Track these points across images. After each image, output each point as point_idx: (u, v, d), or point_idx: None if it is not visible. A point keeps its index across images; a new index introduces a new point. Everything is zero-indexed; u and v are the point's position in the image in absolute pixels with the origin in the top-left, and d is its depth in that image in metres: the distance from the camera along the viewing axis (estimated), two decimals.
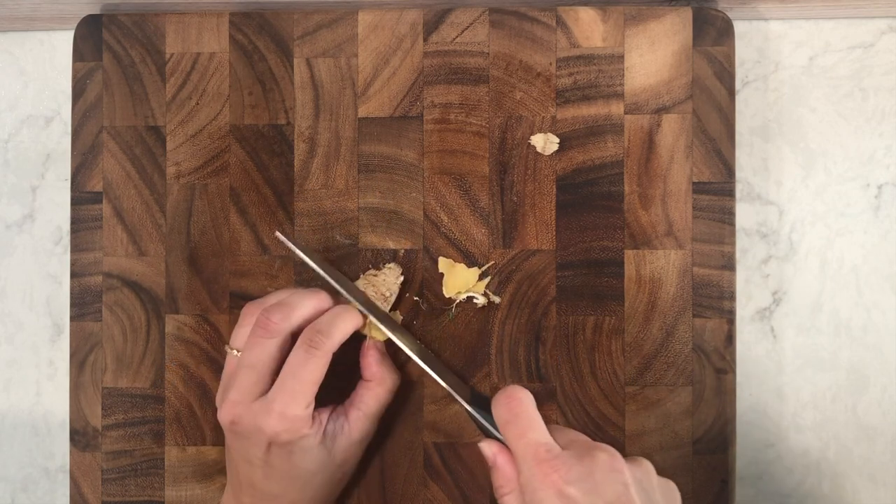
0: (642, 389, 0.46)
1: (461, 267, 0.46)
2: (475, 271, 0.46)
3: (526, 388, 0.45)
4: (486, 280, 0.46)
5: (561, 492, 0.34)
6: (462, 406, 0.40)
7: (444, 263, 0.46)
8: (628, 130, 0.46)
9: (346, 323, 0.41)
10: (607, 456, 0.35)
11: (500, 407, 0.37)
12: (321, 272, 0.43)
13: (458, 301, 0.46)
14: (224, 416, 0.40)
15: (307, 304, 0.41)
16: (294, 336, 0.41)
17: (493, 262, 0.46)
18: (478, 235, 0.46)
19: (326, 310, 0.42)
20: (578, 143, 0.46)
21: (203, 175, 0.47)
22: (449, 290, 0.46)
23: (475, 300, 0.46)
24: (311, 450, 0.41)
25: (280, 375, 0.40)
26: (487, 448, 0.38)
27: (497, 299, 0.46)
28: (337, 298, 0.43)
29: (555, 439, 0.36)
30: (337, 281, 0.43)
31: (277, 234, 0.44)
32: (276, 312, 0.40)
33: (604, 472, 0.34)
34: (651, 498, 0.35)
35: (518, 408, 0.37)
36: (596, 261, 0.46)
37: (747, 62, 0.50)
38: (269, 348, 0.40)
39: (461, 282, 0.46)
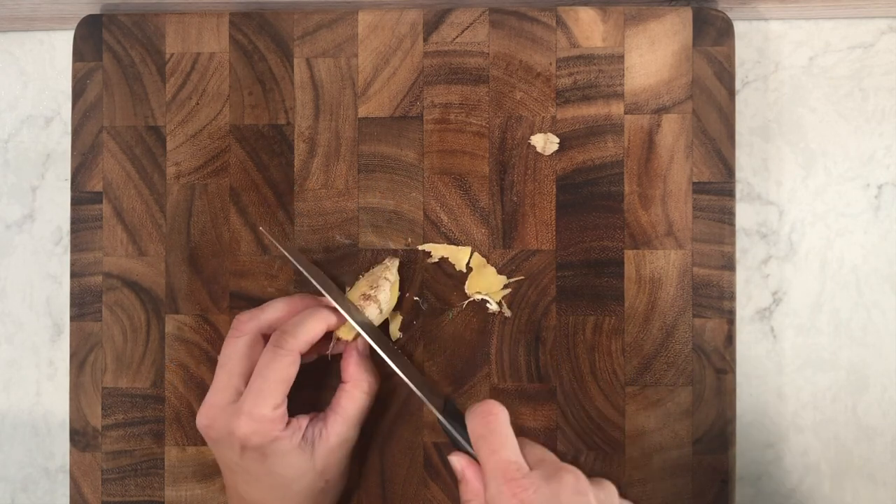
0: (642, 389, 0.46)
1: (491, 270, 0.46)
2: (502, 279, 0.46)
3: (526, 388, 0.46)
4: (507, 291, 0.46)
5: None
6: (435, 415, 0.40)
7: (476, 260, 0.46)
8: (628, 130, 0.46)
9: (312, 323, 0.41)
10: (573, 478, 0.35)
11: (475, 420, 0.37)
12: (298, 266, 0.44)
13: (470, 299, 0.46)
14: (200, 420, 0.41)
15: (278, 305, 0.42)
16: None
17: (522, 277, 0.46)
18: (478, 235, 0.46)
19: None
20: (578, 143, 0.46)
21: (203, 175, 0.47)
22: (471, 288, 0.46)
23: (488, 304, 0.46)
24: (287, 454, 0.40)
25: (251, 378, 0.40)
26: (457, 461, 0.38)
27: (508, 313, 0.46)
28: (323, 301, 0.43)
29: (524, 455, 0.37)
30: (315, 278, 0.43)
31: (261, 230, 0.46)
32: (246, 313, 0.42)
33: (569, 495, 0.34)
34: None
35: (494, 423, 0.37)
36: (596, 261, 0.46)
37: (747, 62, 0.50)
38: (238, 346, 0.41)
39: (485, 284, 0.46)
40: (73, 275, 0.47)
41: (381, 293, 0.44)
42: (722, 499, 0.45)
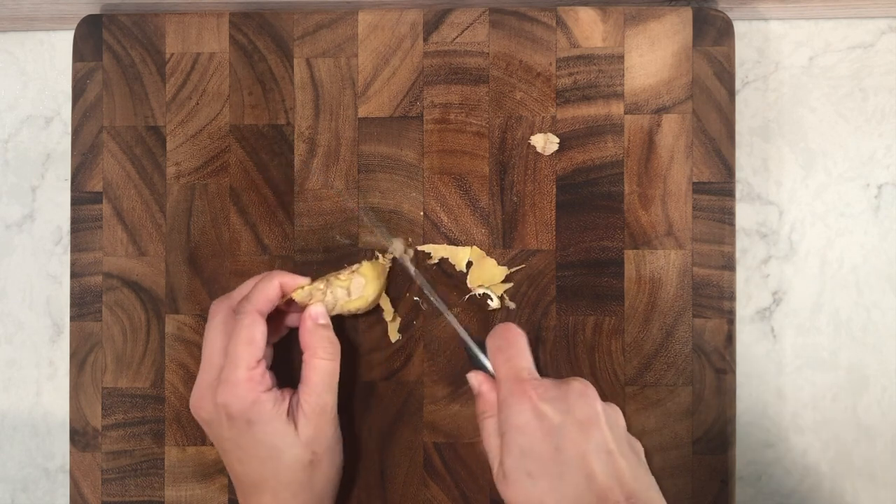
0: (642, 389, 0.46)
1: (492, 262, 0.46)
2: (504, 270, 0.46)
3: None
4: (509, 285, 0.46)
5: (536, 407, 0.38)
6: (461, 338, 0.43)
7: (475, 253, 0.46)
8: (628, 130, 0.46)
9: (265, 283, 0.42)
10: (581, 384, 0.39)
11: (495, 335, 0.41)
12: None
13: (472, 293, 0.46)
14: (192, 402, 0.42)
15: (247, 283, 0.43)
16: None
17: (523, 266, 0.46)
18: (478, 235, 0.46)
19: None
20: (578, 143, 0.46)
21: (203, 175, 0.47)
22: (473, 281, 0.46)
23: (490, 300, 0.46)
24: (271, 421, 0.40)
25: None
26: (474, 377, 0.42)
27: (512, 305, 0.46)
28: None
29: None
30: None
31: None
32: (217, 298, 0.43)
33: (577, 396, 0.38)
34: (617, 434, 0.38)
35: (512, 338, 0.41)
36: (596, 261, 0.46)
37: (747, 62, 0.50)
38: (213, 326, 0.42)
39: (487, 275, 0.46)
40: (73, 275, 0.47)
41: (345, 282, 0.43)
42: (722, 499, 0.45)
